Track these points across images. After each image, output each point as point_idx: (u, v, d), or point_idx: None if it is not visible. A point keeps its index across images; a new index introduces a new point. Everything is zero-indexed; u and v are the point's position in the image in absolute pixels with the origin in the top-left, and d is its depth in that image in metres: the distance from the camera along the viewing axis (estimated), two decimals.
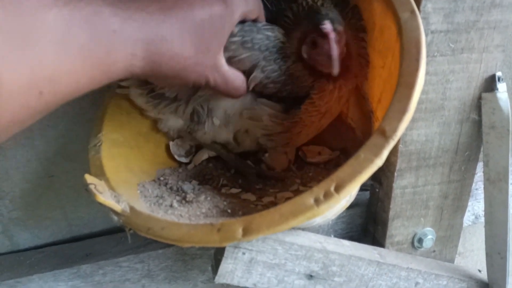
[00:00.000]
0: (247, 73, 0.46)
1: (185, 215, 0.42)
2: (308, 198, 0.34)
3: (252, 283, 0.51)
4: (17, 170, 0.64)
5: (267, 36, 0.46)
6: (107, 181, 0.44)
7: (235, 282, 0.51)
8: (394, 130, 0.34)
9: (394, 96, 0.36)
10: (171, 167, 0.56)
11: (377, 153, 0.34)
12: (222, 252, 0.49)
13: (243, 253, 0.49)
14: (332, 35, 0.43)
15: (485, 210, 0.57)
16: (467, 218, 0.69)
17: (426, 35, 0.48)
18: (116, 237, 0.65)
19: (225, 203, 0.45)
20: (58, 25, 0.28)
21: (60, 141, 0.64)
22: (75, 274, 0.59)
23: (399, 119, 0.34)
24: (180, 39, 0.35)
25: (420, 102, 0.52)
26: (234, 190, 0.50)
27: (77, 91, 0.31)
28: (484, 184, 0.56)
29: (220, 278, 0.50)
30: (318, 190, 0.34)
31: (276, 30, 0.48)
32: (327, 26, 0.43)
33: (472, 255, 0.83)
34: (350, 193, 0.34)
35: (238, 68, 0.45)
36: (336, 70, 0.45)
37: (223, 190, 0.50)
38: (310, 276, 0.53)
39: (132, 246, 0.62)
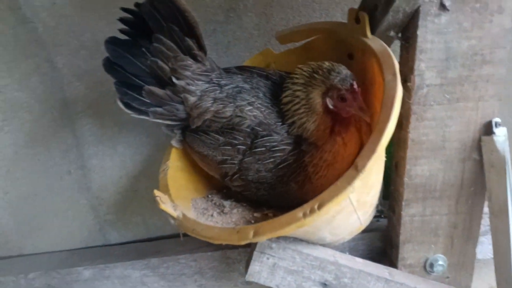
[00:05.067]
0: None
1: (219, 222, 0.57)
2: (299, 212, 0.47)
3: (275, 284, 0.64)
4: (113, 184, 0.86)
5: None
6: (170, 195, 0.61)
7: (261, 282, 0.64)
8: (364, 165, 0.46)
9: (369, 139, 0.48)
10: (219, 188, 0.72)
11: (350, 182, 0.46)
12: (251, 256, 0.63)
13: (267, 258, 0.63)
14: (359, 91, 0.55)
15: (492, 241, 0.62)
16: (489, 251, 0.73)
17: (422, 88, 0.58)
18: (179, 240, 0.83)
19: (251, 215, 0.60)
20: None
21: (144, 164, 0.85)
22: (146, 265, 0.78)
23: (369, 157, 0.46)
24: None
25: (421, 142, 0.62)
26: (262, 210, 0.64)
27: None
28: (490, 217, 0.62)
29: (249, 277, 0.63)
30: (306, 207, 0.47)
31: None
32: (355, 84, 0.54)
33: None
34: (329, 211, 0.46)
35: None
36: (369, 117, 0.55)
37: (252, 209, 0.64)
38: (325, 285, 0.64)
39: (189, 248, 0.79)
